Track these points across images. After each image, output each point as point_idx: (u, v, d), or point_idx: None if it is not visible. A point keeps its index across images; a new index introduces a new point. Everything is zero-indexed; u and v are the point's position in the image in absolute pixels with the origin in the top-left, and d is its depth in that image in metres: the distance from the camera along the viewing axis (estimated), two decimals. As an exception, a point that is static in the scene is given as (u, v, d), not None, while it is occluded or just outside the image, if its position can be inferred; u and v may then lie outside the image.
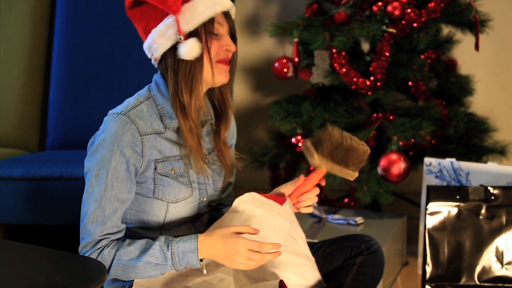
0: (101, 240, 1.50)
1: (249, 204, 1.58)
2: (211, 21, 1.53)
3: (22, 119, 2.61)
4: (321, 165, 1.58)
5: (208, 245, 1.49)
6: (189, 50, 1.50)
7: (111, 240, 1.51)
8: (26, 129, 2.62)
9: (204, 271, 1.52)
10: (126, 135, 1.50)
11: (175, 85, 1.54)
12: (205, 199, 1.63)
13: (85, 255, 1.51)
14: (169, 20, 1.52)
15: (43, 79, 2.67)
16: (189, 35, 1.51)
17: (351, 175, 1.59)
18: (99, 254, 1.50)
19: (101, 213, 1.50)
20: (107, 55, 2.60)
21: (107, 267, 1.50)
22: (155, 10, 1.52)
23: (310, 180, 1.63)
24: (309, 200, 1.64)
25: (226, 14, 1.56)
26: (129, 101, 1.56)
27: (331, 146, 1.55)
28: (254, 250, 1.47)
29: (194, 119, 1.55)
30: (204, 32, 1.52)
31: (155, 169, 1.54)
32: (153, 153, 1.54)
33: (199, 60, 1.53)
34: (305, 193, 1.64)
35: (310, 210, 1.67)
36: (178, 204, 1.58)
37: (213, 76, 1.55)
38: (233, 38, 1.59)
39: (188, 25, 1.51)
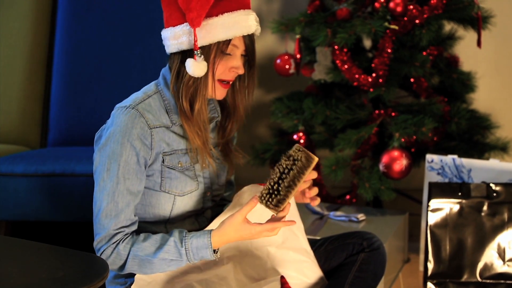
0: (116, 234, 1.51)
1: (247, 198, 1.58)
2: (227, 41, 1.51)
3: (24, 115, 2.61)
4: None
5: (221, 234, 1.49)
6: (196, 69, 1.50)
7: (126, 234, 1.52)
8: (28, 125, 2.62)
9: (216, 259, 1.54)
10: (136, 128, 1.50)
11: (175, 88, 1.55)
12: (209, 193, 1.63)
13: (100, 250, 1.51)
14: (187, 27, 1.51)
15: (45, 75, 2.67)
16: (200, 48, 1.50)
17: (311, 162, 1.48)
18: (114, 248, 1.51)
19: (115, 207, 1.50)
20: (109, 51, 2.59)
21: (122, 262, 1.51)
22: (179, 9, 1.51)
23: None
24: (313, 191, 1.60)
25: (245, 37, 1.53)
26: (137, 95, 1.56)
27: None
28: (269, 233, 1.48)
29: (199, 122, 1.55)
30: (215, 50, 1.51)
31: (163, 161, 1.55)
32: (162, 145, 1.54)
33: (200, 78, 1.52)
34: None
35: (317, 201, 1.62)
36: (185, 197, 1.58)
37: (213, 91, 1.55)
38: (250, 58, 1.56)
39: (202, 40, 1.50)
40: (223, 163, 1.66)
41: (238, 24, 1.50)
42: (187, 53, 1.52)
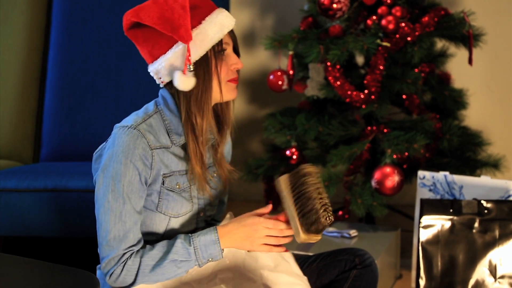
0: (125, 254, 1.51)
1: None
2: (219, 43, 1.54)
3: (16, 131, 2.61)
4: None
5: (227, 232, 1.53)
6: (183, 83, 1.51)
7: (133, 252, 1.52)
8: (21, 141, 2.62)
9: (227, 261, 1.57)
10: (138, 149, 1.50)
11: (187, 110, 1.55)
12: (203, 214, 1.64)
13: (110, 271, 1.50)
14: (178, 47, 1.51)
15: (38, 90, 2.68)
16: (198, 61, 1.52)
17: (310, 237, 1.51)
18: (124, 266, 1.50)
19: (123, 227, 1.50)
20: (102, 67, 2.60)
21: (133, 276, 1.51)
22: (162, 36, 1.51)
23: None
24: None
25: (230, 32, 1.57)
26: (138, 115, 1.56)
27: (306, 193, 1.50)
28: (270, 227, 1.52)
29: (203, 141, 1.56)
30: (213, 55, 1.53)
31: (163, 183, 1.55)
32: (161, 167, 1.55)
33: (209, 84, 1.54)
34: None
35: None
36: (179, 218, 1.58)
37: (222, 95, 1.57)
38: (237, 52, 1.60)
39: (199, 50, 1.51)
40: (216, 184, 1.66)
41: (222, 22, 1.53)
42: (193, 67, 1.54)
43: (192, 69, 1.51)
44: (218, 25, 1.53)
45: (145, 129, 1.53)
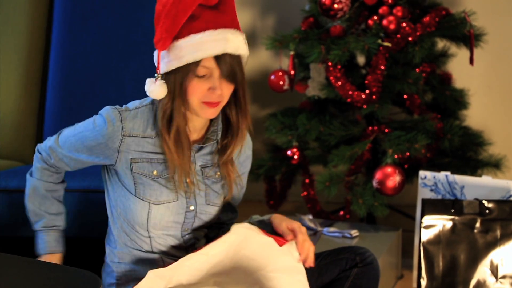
0: (46, 161, 1.67)
1: (242, 235, 1.57)
2: (195, 63, 1.50)
3: (18, 131, 2.61)
4: None
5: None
6: (152, 90, 1.53)
7: (49, 166, 1.67)
8: (22, 141, 2.62)
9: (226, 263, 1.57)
10: (108, 129, 1.56)
11: (155, 112, 1.59)
12: (192, 208, 1.62)
13: (39, 153, 1.70)
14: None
15: (40, 90, 2.68)
16: (172, 72, 1.52)
17: None
18: (41, 165, 1.68)
19: (54, 152, 1.65)
20: (104, 67, 2.60)
21: (31, 178, 1.70)
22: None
23: None
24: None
25: (218, 58, 1.50)
26: (134, 102, 1.61)
27: None
28: None
29: (177, 142, 1.57)
30: (185, 72, 1.51)
31: (131, 168, 1.57)
32: (131, 153, 1.57)
33: (174, 97, 1.53)
34: None
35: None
36: (160, 206, 1.58)
37: (199, 113, 1.56)
38: (231, 79, 1.53)
39: (172, 62, 1.51)
40: (219, 185, 1.65)
41: (204, 45, 1.48)
42: (163, 76, 1.54)
43: (160, 78, 1.51)
44: (196, 47, 1.48)
45: (128, 115, 1.57)
